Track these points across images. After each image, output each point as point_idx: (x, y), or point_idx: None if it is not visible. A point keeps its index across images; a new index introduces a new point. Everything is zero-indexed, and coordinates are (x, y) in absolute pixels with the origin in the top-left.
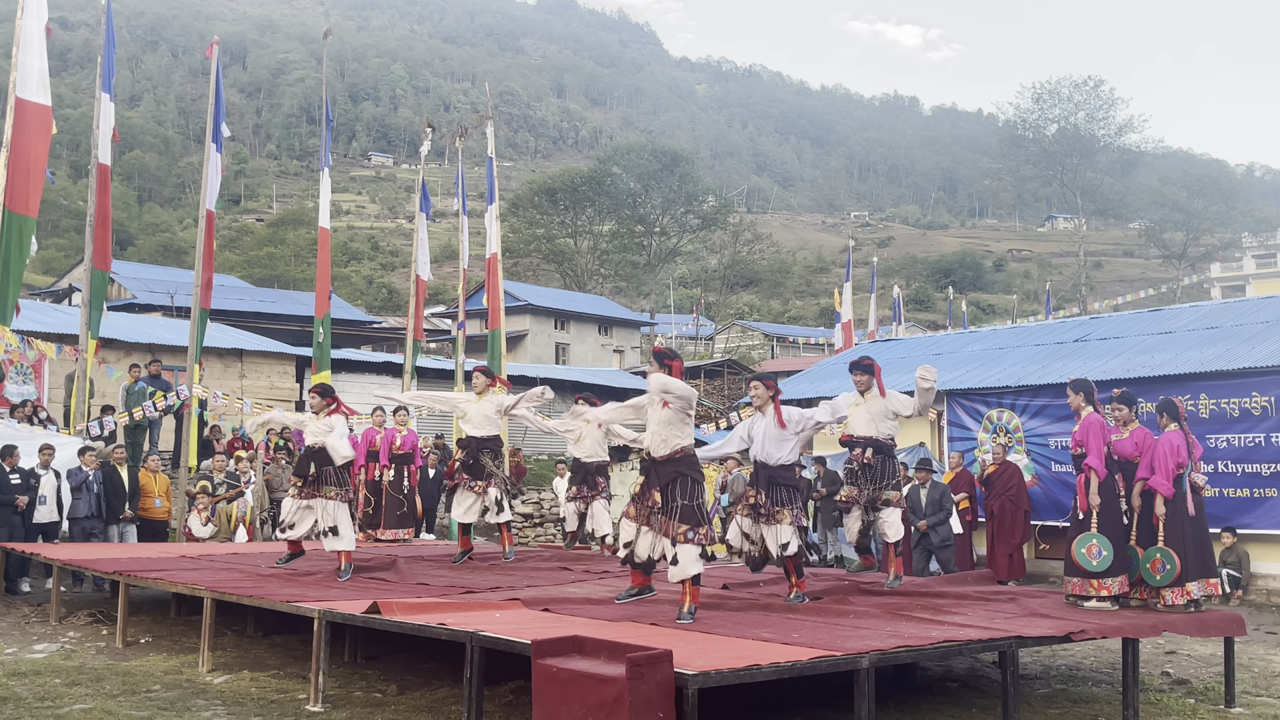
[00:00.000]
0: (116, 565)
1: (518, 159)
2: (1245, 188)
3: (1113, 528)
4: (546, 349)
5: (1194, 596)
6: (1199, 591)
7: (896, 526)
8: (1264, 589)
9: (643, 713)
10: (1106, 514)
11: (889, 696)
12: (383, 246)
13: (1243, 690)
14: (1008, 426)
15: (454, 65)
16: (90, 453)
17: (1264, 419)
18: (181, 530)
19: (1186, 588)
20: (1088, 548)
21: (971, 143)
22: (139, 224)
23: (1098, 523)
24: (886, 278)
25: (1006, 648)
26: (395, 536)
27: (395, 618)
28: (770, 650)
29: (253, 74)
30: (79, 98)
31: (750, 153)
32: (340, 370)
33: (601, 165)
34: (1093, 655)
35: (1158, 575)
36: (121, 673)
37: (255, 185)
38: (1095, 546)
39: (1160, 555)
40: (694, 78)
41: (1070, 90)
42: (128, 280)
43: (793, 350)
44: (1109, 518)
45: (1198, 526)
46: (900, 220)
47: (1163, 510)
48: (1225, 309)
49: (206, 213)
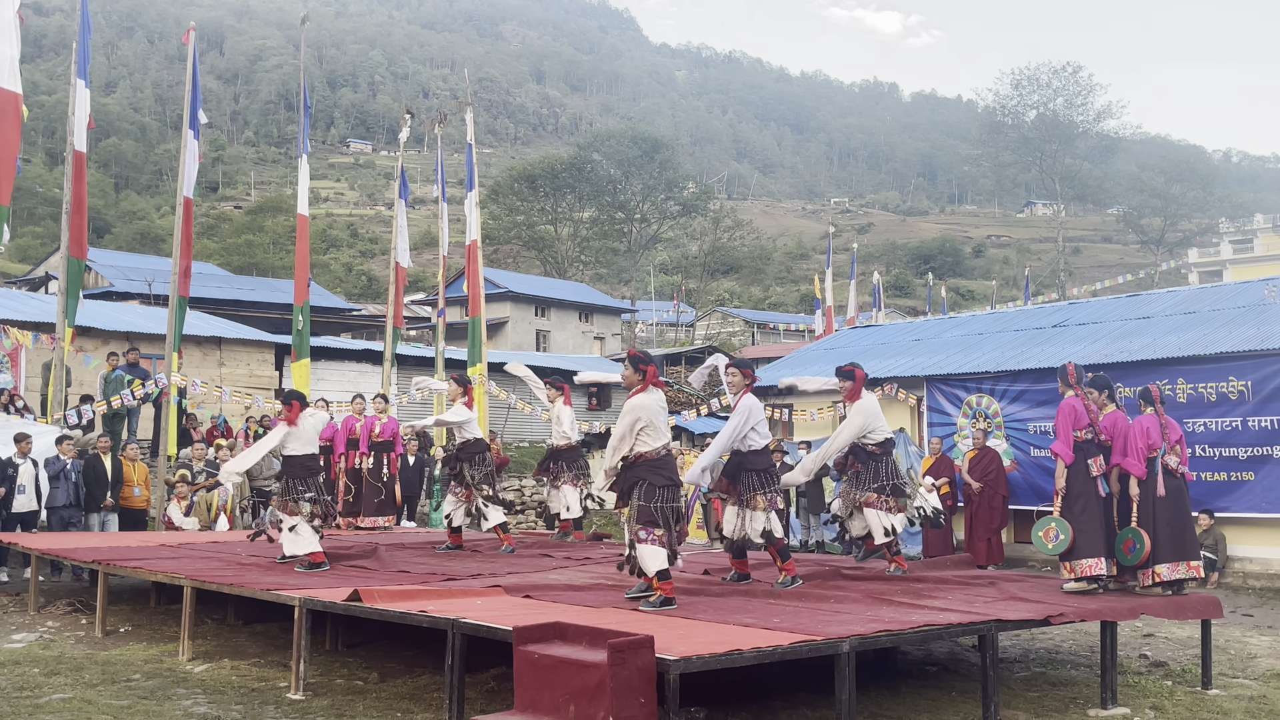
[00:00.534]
0: (95, 554)
1: (497, 145)
2: (1222, 173)
3: (1086, 511)
4: (527, 336)
5: (1164, 578)
6: (1169, 574)
7: (876, 527)
8: (1240, 572)
9: (624, 698)
10: (1076, 498)
11: (869, 680)
12: (362, 234)
13: (1219, 672)
14: (987, 411)
15: (433, 51)
16: (68, 441)
17: (1240, 403)
18: (161, 519)
19: (1156, 569)
20: (1045, 531)
21: (951, 129)
22: (116, 212)
23: (1062, 506)
24: (866, 264)
25: (986, 631)
26: (375, 524)
27: (377, 605)
28: (751, 635)
29: (230, 60)
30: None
31: (730, 139)
32: (320, 358)
33: (581, 152)
34: (1071, 638)
35: (1129, 555)
36: (101, 662)
37: (233, 172)
38: (1053, 530)
39: (1132, 535)
40: (674, 64)
41: (1049, 76)
42: (105, 268)
43: (773, 336)
44: (1080, 501)
45: (1176, 509)
46: (880, 206)
47: (1136, 491)
48: (1202, 294)
49: (184, 200)
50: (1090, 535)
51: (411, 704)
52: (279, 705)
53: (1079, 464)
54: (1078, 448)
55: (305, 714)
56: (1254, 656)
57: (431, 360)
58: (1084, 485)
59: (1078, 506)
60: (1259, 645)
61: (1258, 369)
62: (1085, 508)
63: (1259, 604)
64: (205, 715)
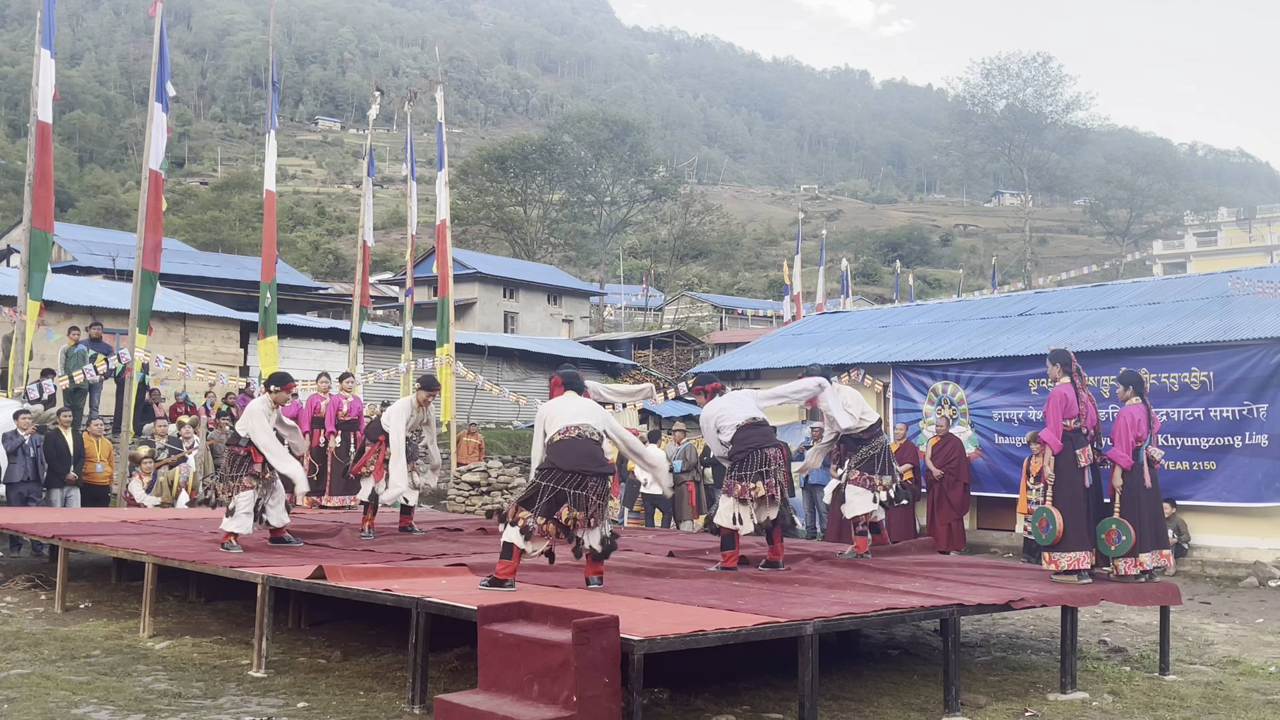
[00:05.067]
0: (55, 530)
1: (467, 126)
2: (1188, 166)
3: (1073, 502)
4: (495, 317)
5: (1147, 567)
6: (1151, 562)
7: (851, 505)
8: (1199, 560)
9: (588, 678)
10: (1064, 489)
11: (832, 664)
12: (329, 212)
13: (1177, 658)
14: (952, 399)
15: (403, 29)
16: (26, 416)
17: (1203, 393)
18: (123, 495)
19: (1140, 558)
20: (1040, 521)
21: (921, 118)
22: (80, 185)
23: (1052, 496)
24: (835, 251)
25: (948, 615)
26: (341, 503)
27: (340, 583)
28: (716, 617)
29: (197, 35)
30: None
31: (701, 124)
32: (286, 336)
33: (552, 133)
34: (1032, 624)
35: (1112, 546)
36: (60, 638)
37: (200, 148)
38: (1044, 520)
39: (1116, 526)
40: (646, 47)
41: (1019, 67)
42: (68, 242)
43: (741, 322)
44: (1067, 492)
45: (1153, 498)
46: (849, 194)
47: (1119, 482)
48: (1167, 285)
49: (151, 173)
50: (1076, 527)
51: (374, 682)
52: (240, 683)
53: (1067, 453)
54: (1066, 437)
55: (267, 692)
56: (1210, 643)
57: (399, 340)
58: (1072, 475)
59: (1065, 497)
60: (1216, 632)
61: (1220, 360)
62: (1072, 498)
63: (1216, 592)
64: (166, 692)
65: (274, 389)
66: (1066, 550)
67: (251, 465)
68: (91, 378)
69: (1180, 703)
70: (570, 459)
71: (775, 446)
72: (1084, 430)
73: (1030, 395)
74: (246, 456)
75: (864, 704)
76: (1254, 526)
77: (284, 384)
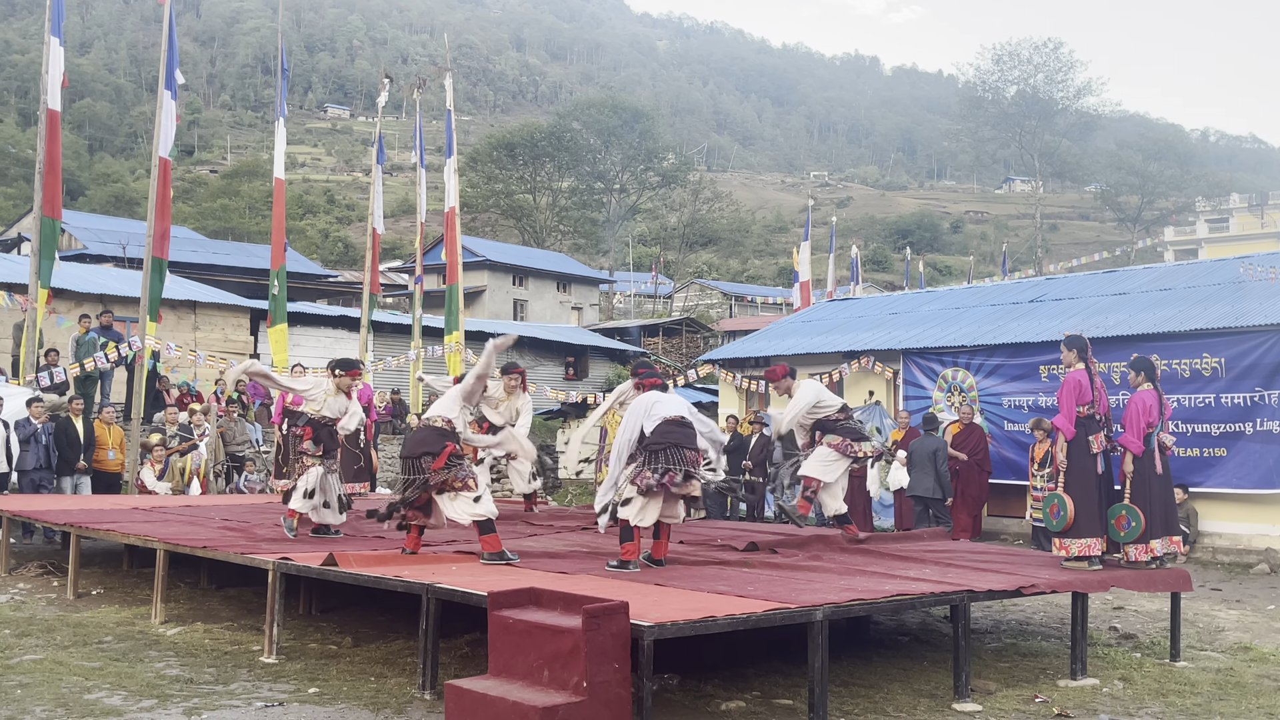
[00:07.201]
0: (67, 517)
1: (476, 113)
2: (1200, 152)
3: (1085, 488)
4: (504, 305)
5: (1157, 554)
6: (1162, 549)
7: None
8: (1210, 546)
9: (598, 663)
10: (1076, 474)
11: (842, 650)
12: (339, 200)
13: (1187, 645)
14: (962, 385)
15: (412, 17)
16: (38, 404)
17: (1214, 380)
18: (134, 483)
19: (1150, 545)
20: (1051, 507)
21: (931, 104)
22: (90, 174)
23: (1064, 482)
24: (845, 238)
25: (958, 601)
26: (351, 490)
27: (351, 570)
28: (725, 603)
29: (206, 22)
30: (28, 44)
31: (711, 110)
32: (296, 324)
33: (561, 121)
34: (1042, 610)
35: (1122, 532)
36: (73, 624)
37: (209, 136)
38: (1056, 506)
39: (1125, 512)
40: (655, 34)
41: (1030, 52)
42: (78, 230)
43: (750, 309)
44: (1079, 478)
45: (1164, 484)
46: (859, 181)
47: (1130, 468)
48: (1178, 271)
49: (160, 160)
50: (1088, 513)
51: (385, 668)
52: (252, 668)
53: (1080, 439)
54: (1079, 423)
55: (278, 677)
56: (1221, 630)
57: (409, 327)
58: (1084, 461)
59: (1077, 483)
60: (1226, 619)
61: (1231, 346)
62: (1084, 485)
63: (1227, 578)
64: (178, 677)
65: (339, 374)
66: (1077, 536)
67: (301, 443)
68: (102, 365)
69: (1191, 689)
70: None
71: (695, 450)
72: (1096, 416)
73: (1040, 382)
74: (300, 436)
75: (874, 690)
76: (1265, 513)
77: (349, 369)
